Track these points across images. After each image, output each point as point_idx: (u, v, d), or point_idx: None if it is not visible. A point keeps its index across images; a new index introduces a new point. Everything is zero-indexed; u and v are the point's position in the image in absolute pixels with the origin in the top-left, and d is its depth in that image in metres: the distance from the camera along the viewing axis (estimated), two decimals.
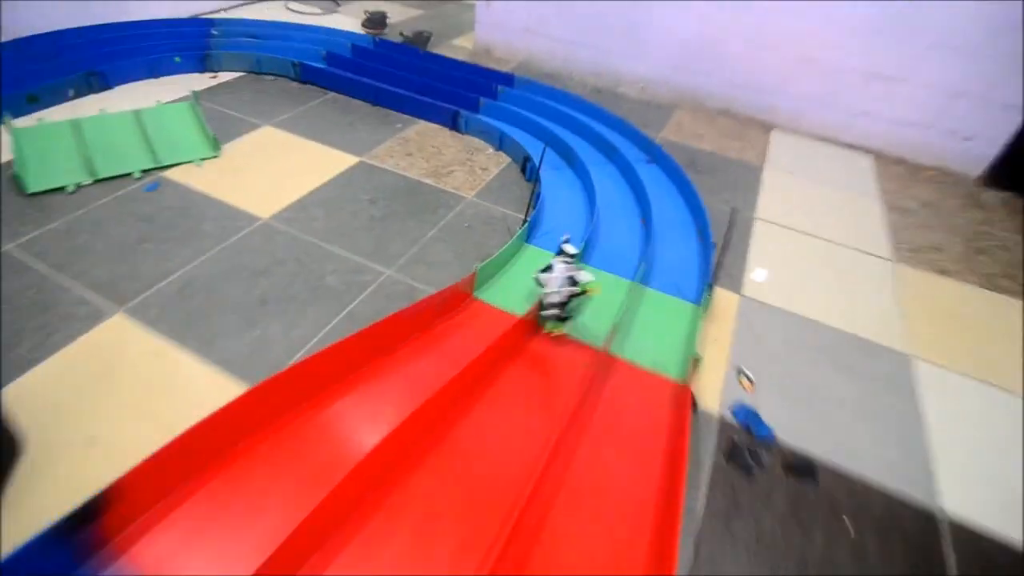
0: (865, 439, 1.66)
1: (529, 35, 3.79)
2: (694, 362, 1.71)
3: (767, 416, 1.67)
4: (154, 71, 3.08)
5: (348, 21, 4.32)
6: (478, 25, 3.95)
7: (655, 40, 3.47)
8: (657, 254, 2.23)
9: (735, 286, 2.17)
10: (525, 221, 2.23)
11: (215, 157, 2.52)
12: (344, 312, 1.84)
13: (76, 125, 2.44)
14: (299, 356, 1.68)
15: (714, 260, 2.15)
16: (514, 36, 3.87)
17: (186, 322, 1.74)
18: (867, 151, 3.29)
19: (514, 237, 2.11)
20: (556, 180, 2.61)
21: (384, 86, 3.11)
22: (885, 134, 3.22)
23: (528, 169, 2.65)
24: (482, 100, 3.06)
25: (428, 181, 2.55)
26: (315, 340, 1.73)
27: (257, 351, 1.67)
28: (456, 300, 1.83)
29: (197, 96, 2.69)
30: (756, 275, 2.23)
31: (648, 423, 1.57)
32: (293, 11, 4.43)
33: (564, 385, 1.67)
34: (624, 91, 3.68)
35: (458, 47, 4.10)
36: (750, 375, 1.79)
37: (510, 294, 1.95)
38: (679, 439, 1.46)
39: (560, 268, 1.71)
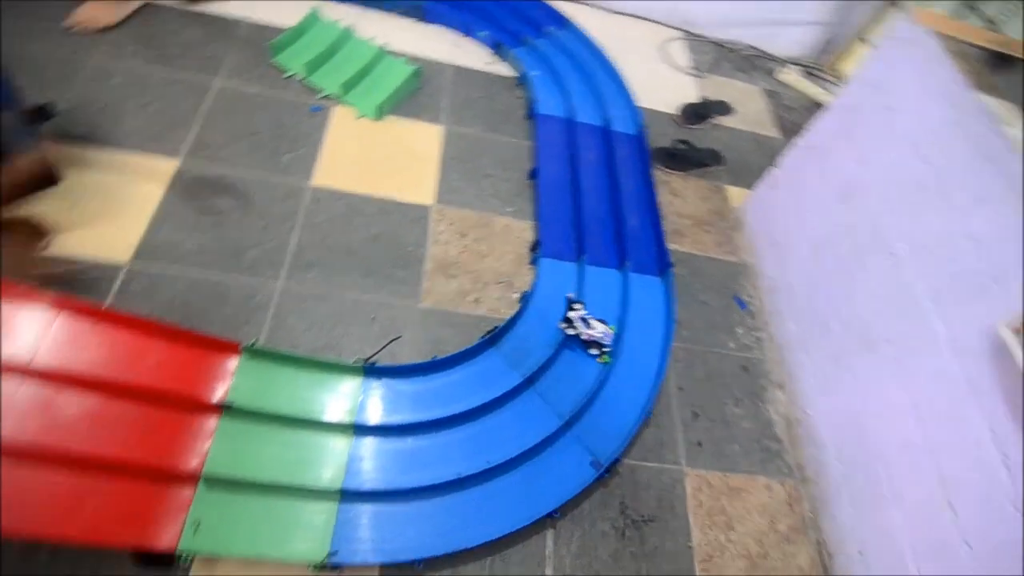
0: None
1: (774, 250, 2.82)
2: None
3: None
4: (468, 29, 3.51)
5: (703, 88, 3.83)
6: (752, 195, 3.07)
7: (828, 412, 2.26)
8: None
9: None
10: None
11: (372, 119, 2.97)
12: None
13: (344, 37, 3.15)
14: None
15: None
16: (760, 237, 2.93)
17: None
18: None
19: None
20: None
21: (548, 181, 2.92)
22: None
23: None
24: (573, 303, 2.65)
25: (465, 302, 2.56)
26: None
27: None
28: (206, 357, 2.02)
29: (420, 72, 3.09)
30: None
31: None
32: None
33: None
34: (773, 400, 2.59)
35: (721, 194, 3.28)
36: None
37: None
38: None
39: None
